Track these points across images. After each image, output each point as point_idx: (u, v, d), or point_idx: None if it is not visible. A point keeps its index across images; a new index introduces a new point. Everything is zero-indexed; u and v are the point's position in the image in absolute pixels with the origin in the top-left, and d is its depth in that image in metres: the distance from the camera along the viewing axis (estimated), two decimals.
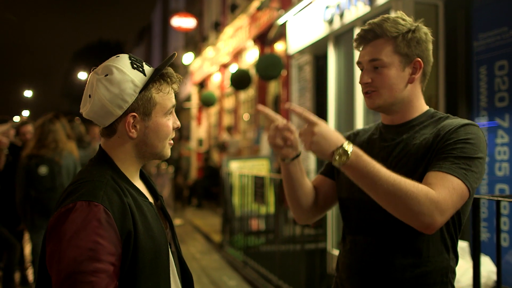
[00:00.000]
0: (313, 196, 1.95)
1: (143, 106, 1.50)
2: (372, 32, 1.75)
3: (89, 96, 1.49)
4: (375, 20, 1.78)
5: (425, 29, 1.77)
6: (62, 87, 59.66)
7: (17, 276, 5.61)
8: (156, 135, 1.54)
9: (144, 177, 1.69)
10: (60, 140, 4.77)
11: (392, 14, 1.80)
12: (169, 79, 1.55)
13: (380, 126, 1.89)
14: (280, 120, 1.75)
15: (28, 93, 51.14)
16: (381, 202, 1.57)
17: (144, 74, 1.51)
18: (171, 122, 1.58)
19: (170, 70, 1.57)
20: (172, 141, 1.61)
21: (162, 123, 1.54)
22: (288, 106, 1.64)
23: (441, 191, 1.51)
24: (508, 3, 4.37)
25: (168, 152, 1.60)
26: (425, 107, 1.82)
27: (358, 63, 1.82)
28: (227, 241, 7.79)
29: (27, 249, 5.77)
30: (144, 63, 1.55)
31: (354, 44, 1.84)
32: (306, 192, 1.92)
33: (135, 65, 1.50)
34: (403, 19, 1.75)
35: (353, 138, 1.98)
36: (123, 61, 1.50)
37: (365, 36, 1.78)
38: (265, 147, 9.31)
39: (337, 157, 1.56)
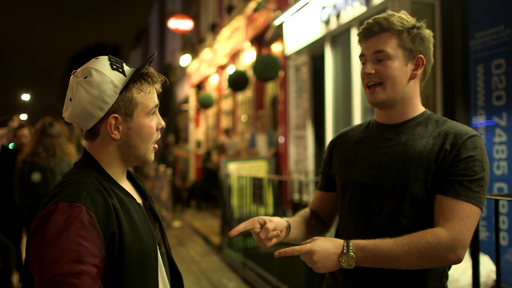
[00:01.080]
0: (320, 225, 2.01)
1: (124, 106, 1.48)
2: (378, 25, 1.76)
3: (70, 99, 1.48)
4: (380, 15, 1.79)
5: (428, 30, 1.80)
6: (60, 90, 59.62)
7: (15, 280, 5.59)
8: (139, 136, 1.52)
9: (131, 178, 1.68)
10: (58, 144, 4.70)
11: (401, 12, 1.82)
12: (150, 79, 1.54)
13: (373, 125, 1.88)
14: (253, 224, 1.75)
15: (25, 97, 51.07)
16: (407, 268, 1.61)
17: (124, 75, 1.50)
18: (155, 122, 1.56)
19: (151, 70, 1.55)
20: (156, 145, 1.60)
21: (145, 123, 1.53)
22: (277, 255, 1.62)
23: (455, 225, 1.56)
24: (504, 1, 4.37)
25: (151, 156, 1.58)
26: (422, 108, 1.82)
27: (361, 55, 1.82)
28: (226, 243, 7.78)
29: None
30: (124, 63, 1.53)
31: (358, 37, 1.84)
32: (316, 232, 1.96)
33: (114, 66, 1.49)
34: (408, 17, 1.78)
35: (339, 142, 1.98)
36: (102, 63, 1.49)
37: (370, 29, 1.78)
38: (262, 148, 9.30)
39: (345, 265, 1.59)
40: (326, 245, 1.59)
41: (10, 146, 6.22)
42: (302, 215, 2.00)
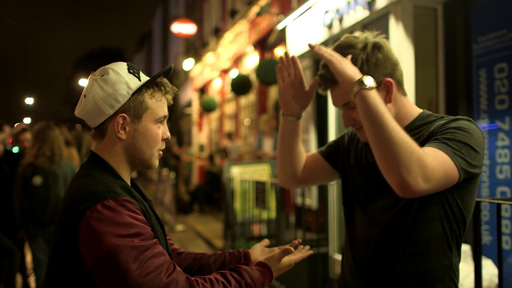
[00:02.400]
0: (302, 162, 2.04)
1: (134, 108, 1.52)
2: (329, 80, 1.74)
3: (84, 96, 1.53)
4: (325, 65, 1.74)
5: (376, 41, 1.71)
6: (63, 94, 59.75)
7: (19, 283, 5.60)
8: (145, 140, 1.55)
9: (131, 181, 1.71)
10: (57, 148, 4.71)
11: (341, 42, 1.77)
12: (163, 88, 1.58)
13: None
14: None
15: (29, 100, 51.20)
16: (377, 143, 1.51)
17: (139, 80, 1.54)
18: (161, 131, 1.59)
19: (165, 80, 1.59)
20: (161, 152, 1.63)
21: (152, 129, 1.56)
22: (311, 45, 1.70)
23: (432, 161, 1.48)
24: (507, 5, 4.38)
25: (156, 162, 1.61)
26: (416, 112, 1.78)
27: (334, 105, 1.83)
28: (229, 247, 7.78)
29: (29, 256, 5.77)
30: (141, 71, 1.58)
31: (319, 90, 1.85)
32: (298, 154, 2.02)
33: (131, 70, 1.54)
34: (353, 47, 1.70)
35: (353, 137, 1.97)
36: (120, 66, 1.55)
37: (325, 85, 1.78)
38: (268, 151, 9.30)
39: (364, 79, 1.57)
40: (350, 66, 1.66)
41: (15, 150, 6.24)
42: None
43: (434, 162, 1.47)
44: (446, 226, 1.67)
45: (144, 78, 1.57)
